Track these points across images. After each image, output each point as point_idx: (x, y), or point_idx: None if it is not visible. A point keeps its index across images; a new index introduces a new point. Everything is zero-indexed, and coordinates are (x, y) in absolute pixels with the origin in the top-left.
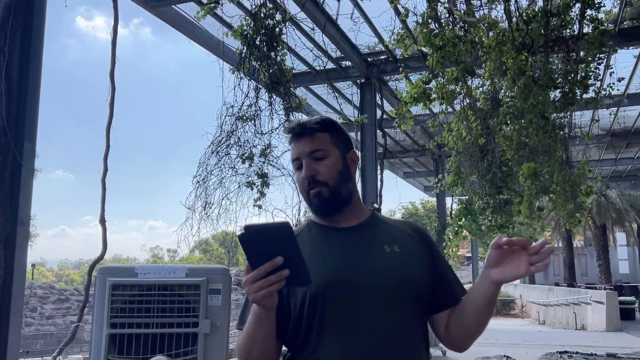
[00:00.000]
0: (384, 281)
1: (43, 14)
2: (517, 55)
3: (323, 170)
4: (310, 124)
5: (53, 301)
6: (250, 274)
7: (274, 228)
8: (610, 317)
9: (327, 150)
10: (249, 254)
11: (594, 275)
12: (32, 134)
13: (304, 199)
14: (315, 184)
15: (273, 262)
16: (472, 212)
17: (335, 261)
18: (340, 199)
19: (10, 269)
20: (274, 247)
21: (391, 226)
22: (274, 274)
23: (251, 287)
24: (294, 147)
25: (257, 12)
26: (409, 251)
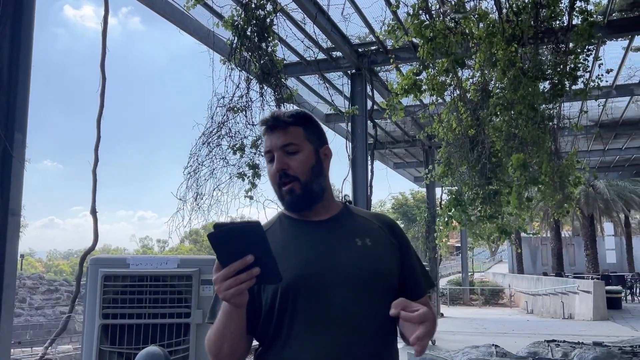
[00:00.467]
0: (355, 274)
1: (32, 4)
2: (507, 47)
3: (295, 164)
4: (284, 117)
5: (42, 292)
6: (220, 272)
7: (244, 227)
8: (598, 307)
9: (299, 145)
10: (219, 253)
11: (581, 265)
12: (22, 125)
13: (275, 192)
14: (286, 178)
15: (243, 260)
16: (462, 203)
17: (306, 255)
18: (311, 195)
19: (2, 260)
20: (244, 246)
21: (363, 219)
22: (244, 272)
23: (221, 285)
24: (266, 139)
25: (248, 2)
26: (380, 243)
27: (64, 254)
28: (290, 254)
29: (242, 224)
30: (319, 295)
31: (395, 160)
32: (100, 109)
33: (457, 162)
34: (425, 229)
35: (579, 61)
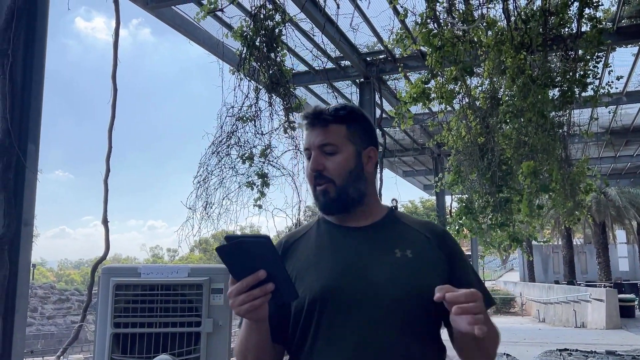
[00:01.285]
0: (388, 291)
1: (45, 16)
2: (515, 55)
3: (331, 166)
4: (325, 114)
5: (54, 301)
6: (234, 286)
7: (253, 242)
8: (610, 315)
9: (338, 146)
10: (230, 266)
11: (593, 273)
12: (35, 135)
13: (311, 191)
14: (321, 180)
15: (255, 275)
16: (473, 211)
17: (338, 265)
18: (347, 200)
19: (15, 269)
20: (256, 261)
21: (408, 227)
22: (258, 288)
23: (235, 300)
24: (307, 135)
25: (257, 13)
26: (423, 256)
27: (75, 263)
28: (321, 262)
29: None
30: (345, 311)
31: (404, 168)
32: (111, 120)
33: (467, 170)
34: None
35: (588, 68)
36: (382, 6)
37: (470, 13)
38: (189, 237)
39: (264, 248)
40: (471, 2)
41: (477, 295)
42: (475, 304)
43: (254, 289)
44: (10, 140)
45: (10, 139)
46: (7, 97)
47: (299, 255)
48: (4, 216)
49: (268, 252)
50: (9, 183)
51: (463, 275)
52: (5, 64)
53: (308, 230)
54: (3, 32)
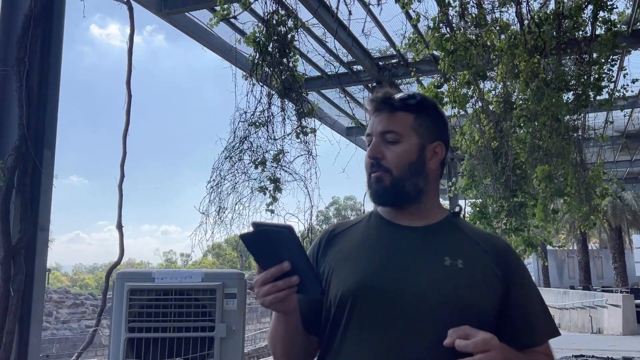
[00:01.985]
0: (425, 297)
1: (61, 24)
2: (529, 58)
3: (391, 156)
4: (394, 100)
5: (68, 306)
6: (260, 276)
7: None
8: (627, 321)
9: (402, 135)
10: (255, 255)
11: (609, 278)
12: (51, 141)
13: (366, 179)
14: (378, 168)
15: (280, 266)
16: (487, 216)
17: (377, 263)
18: (401, 193)
19: (31, 274)
20: (280, 251)
21: (466, 236)
22: (282, 280)
23: (260, 290)
24: (371, 120)
25: (270, 18)
26: (475, 269)
27: (89, 268)
28: (361, 256)
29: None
30: (376, 310)
31: None
32: (126, 126)
33: (480, 174)
34: None
35: (603, 71)
36: (395, 11)
37: (483, 17)
38: (202, 242)
39: (286, 238)
40: (484, 6)
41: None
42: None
43: (278, 280)
44: (26, 146)
45: (26, 145)
46: (24, 103)
47: (342, 246)
48: (20, 221)
49: (292, 244)
50: (25, 188)
51: (524, 300)
52: (22, 71)
53: (358, 222)
54: (20, 39)
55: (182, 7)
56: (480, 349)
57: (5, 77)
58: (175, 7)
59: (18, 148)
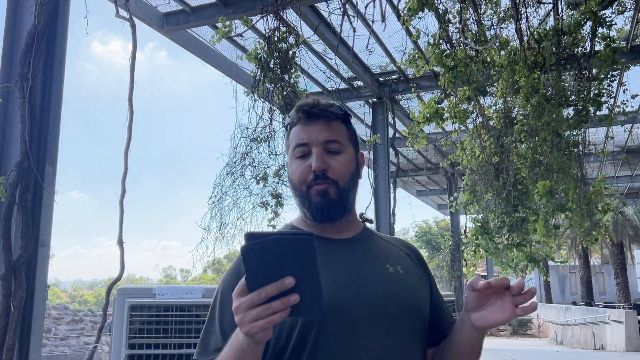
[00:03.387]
0: (389, 307)
1: (64, 41)
2: (529, 74)
3: (336, 166)
4: (331, 109)
5: (67, 322)
6: (247, 297)
7: (293, 240)
8: (630, 337)
9: (343, 144)
10: (250, 271)
11: (612, 294)
12: (53, 157)
13: (299, 194)
14: (324, 180)
15: (282, 283)
16: (488, 231)
17: (334, 281)
18: (345, 204)
19: (32, 289)
20: (286, 265)
21: (388, 243)
22: (279, 300)
23: (246, 315)
24: (302, 129)
25: (271, 35)
26: (411, 273)
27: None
28: None
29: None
30: (348, 332)
31: (417, 188)
32: (127, 142)
33: (482, 189)
34: (450, 257)
35: (603, 87)
36: (395, 27)
37: (483, 33)
38: (203, 258)
39: (301, 249)
40: (484, 22)
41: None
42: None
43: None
44: (28, 162)
45: (29, 161)
46: (27, 120)
47: None
48: (21, 237)
49: (304, 254)
50: (26, 204)
51: (437, 293)
52: (25, 87)
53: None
54: (23, 56)
55: (184, 24)
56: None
57: (8, 93)
58: (177, 24)
59: (20, 164)
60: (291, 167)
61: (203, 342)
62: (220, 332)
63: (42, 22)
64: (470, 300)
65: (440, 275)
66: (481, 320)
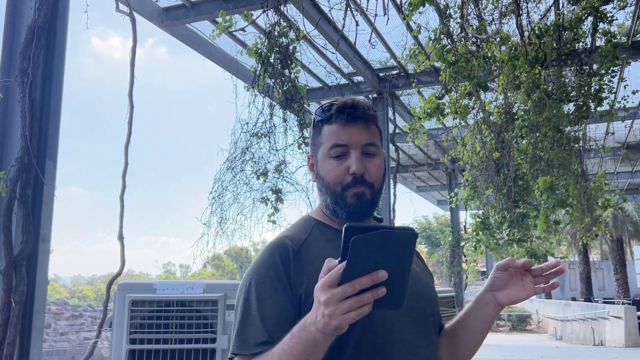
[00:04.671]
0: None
1: (64, 35)
2: (530, 69)
3: (373, 170)
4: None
5: (67, 317)
6: (339, 289)
7: (399, 235)
8: (629, 333)
9: (378, 147)
10: (353, 263)
11: (611, 290)
12: (53, 152)
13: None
14: (362, 184)
15: (375, 276)
16: (489, 227)
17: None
18: (376, 205)
19: (32, 285)
20: (383, 259)
21: None
22: (369, 292)
23: (339, 306)
24: (342, 130)
25: (271, 30)
26: (423, 271)
27: (88, 279)
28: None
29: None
30: (388, 326)
31: (417, 184)
32: (127, 137)
33: (482, 185)
34: (449, 253)
35: (603, 83)
36: (395, 22)
37: (484, 28)
38: (203, 253)
39: (406, 243)
40: (484, 17)
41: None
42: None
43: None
44: (29, 157)
45: (29, 156)
46: (27, 114)
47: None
48: (22, 232)
49: (406, 249)
50: (27, 199)
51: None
52: (25, 82)
53: (309, 234)
54: (23, 51)
55: (184, 18)
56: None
57: (8, 88)
58: (176, 19)
59: (20, 159)
60: (325, 166)
61: (241, 335)
62: (262, 325)
63: (42, 17)
64: (497, 279)
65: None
66: (506, 297)
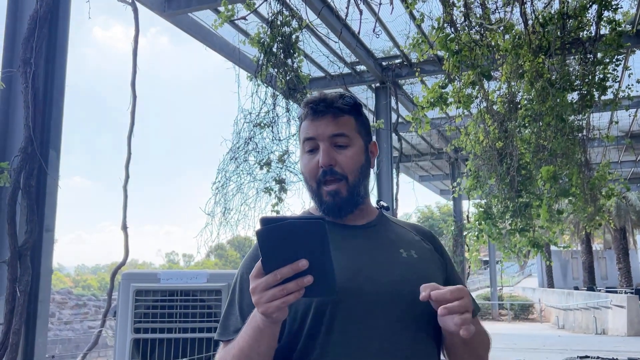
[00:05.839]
0: (404, 292)
1: (66, 25)
2: (534, 58)
3: (344, 161)
4: (337, 103)
5: (71, 307)
6: (263, 279)
7: (306, 225)
8: (632, 321)
9: (351, 137)
10: (267, 254)
11: (614, 279)
12: (56, 142)
13: (310, 189)
14: (331, 176)
15: (296, 265)
16: (492, 216)
17: (349, 265)
18: (357, 199)
19: (37, 274)
20: (300, 248)
21: (402, 228)
22: (294, 281)
23: (263, 295)
24: (310, 124)
25: (274, 19)
26: (426, 258)
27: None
28: None
29: (303, 221)
30: (361, 315)
31: (420, 173)
32: (130, 127)
33: (485, 174)
34: (452, 242)
35: (608, 71)
36: (398, 11)
37: (488, 17)
38: (207, 243)
39: (315, 232)
40: (488, 6)
41: (464, 292)
42: (462, 301)
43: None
44: (32, 147)
45: (32, 146)
46: (30, 105)
47: None
48: (26, 222)
49: (317, 238)
50: (31, 189)
51: (457, 280)
52: (28, 72)
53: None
54: (26, 41)
55: (186, 7)
56: (456, 295)
57: (11, 78)
58: (178, 8)
59: (24, 149)
60: (302, 162)
61: (224, 323)
62: (240, 314)
63: (44, 7)
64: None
65: None
66: (442, 324)
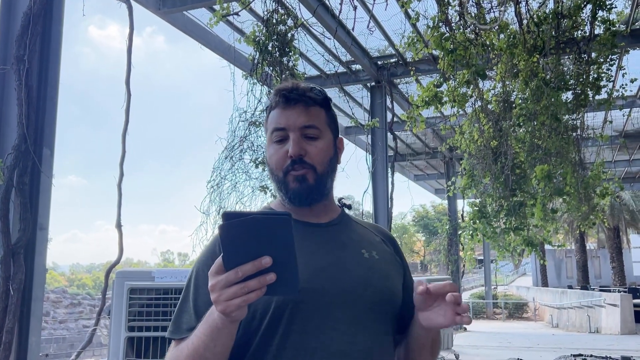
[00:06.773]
0: (363, 292)
1: (60, 22)
2: (528, 58)
3: (314, 152)
4: (310, 93)
5: (66, 305)
6: (223, 276)
7: (270, 220)
8: (625, 320)
9: (321, 130)
10: (227, 250)
11: (607, 278)
12: (50, 140)
13: (275, 179)
14: (300, 165)
15: (259, 262)
16: (486, 215)
17: (310, 264)
18: (322, 189)
19: (31, 272)
20: (263, 245)
21: (363, 228)
22: (255, 279)
23: (222, 293)
24: (280, 113)
25: (269, 18)
26: (386, 259)
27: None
28: None
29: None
30: (321, 315)
31: (415, 172)
32: (125, 125)
33: (480, 173)
34: (447, 241)
35: (602, 71)
36: (394, 10)
37: (483, 16)
38: (202, 242)
39: (279, 228)
40: (483, 5)
41: (456, 287)
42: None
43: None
44: (26, 145)
45: (26, 144)
46: (23, 102)
47: None
48: (19, 220)
49: (281, 234)
50: (24, 187)
51: (409, 280)
52: (21, 69)
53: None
54: (19, 38)
55: (181, 6)
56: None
57: (4, 75)
58: (173, 6)
59: (17, 147)
60: (269, 151)
61: (176, 321)
62: (194, 312)
63: (38, 3)
64: (417, 300)
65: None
66: (426, 321)
